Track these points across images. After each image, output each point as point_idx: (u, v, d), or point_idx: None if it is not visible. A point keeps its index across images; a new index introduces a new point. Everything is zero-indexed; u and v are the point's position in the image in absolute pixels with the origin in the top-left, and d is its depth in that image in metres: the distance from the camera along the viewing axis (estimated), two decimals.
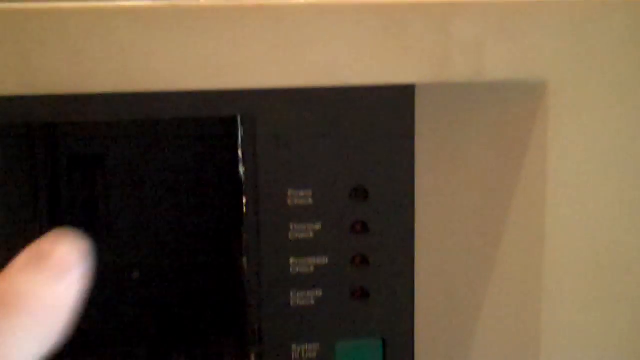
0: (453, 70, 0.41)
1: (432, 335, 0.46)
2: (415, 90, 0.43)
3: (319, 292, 0.45)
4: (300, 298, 0.45)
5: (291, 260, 0.44)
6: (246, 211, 0.44)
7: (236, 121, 0.72)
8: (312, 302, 0.45)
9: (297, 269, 0.44)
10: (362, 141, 0.43)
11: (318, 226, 0.44)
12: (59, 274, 0.25)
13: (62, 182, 0.70)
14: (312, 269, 0.44)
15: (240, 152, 0.56)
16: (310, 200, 0.44)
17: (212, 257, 0.73)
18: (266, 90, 0.41)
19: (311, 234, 0.44)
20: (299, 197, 0.43)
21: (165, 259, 0.72)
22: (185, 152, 0.72)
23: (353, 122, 0.43)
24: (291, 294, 0.44)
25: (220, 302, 0.73)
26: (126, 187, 0.71)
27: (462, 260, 0.45)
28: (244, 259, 0.45)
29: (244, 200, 0.45)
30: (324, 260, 0.44)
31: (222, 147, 0.72)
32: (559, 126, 0.42)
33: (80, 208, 0.71)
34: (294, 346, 0.45)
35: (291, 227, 0.44)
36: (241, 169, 0.54)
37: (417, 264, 0.45)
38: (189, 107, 0.41)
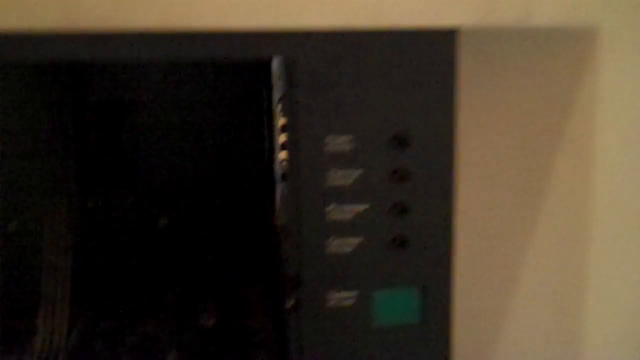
0: (499, 15, 0.40)
1: (470, 285, 0.45)
2: (459, 35, 0.42)
3: (357, 240, 0.44)
4: (338, 245, 0.44)
5: (329, 207, 0.43)
6: (284, 158, 0.44)
7: (269, 65, 0.71)
8: (350, 249, 0.44)
9: (336, 216, 0.44)
10: (403, 87, 0.42)
11: (357, 173, 0.43)
12: None
13: (92, 126, 0.70)
14: (350, 216, 0.44)
15: (276, 97, 0.55)
16: (349, 147, 0.43)
17: (242, 204, 0.73)
18: (308, 32, 0.40)
19: (350, 181, 0.43)
20: (338, 143, 0.43)
21: (193, 207, 0.72)
22: (216, 97, 0.71)
23: (395, 66, 0.42)
24: (329, 241, 0.44)
25: (249, 250, 0.73)
26: (156, 133, 0.71)
27: (503, 208, 0.44)
28: (281, 205, 0.45)
29: (282, 146, 0.44)
30: (363, 207, 0.44)
31: (254, 92, 0.71)
32: (610, 75, 0.41)
33: (109, 153, 0.71)
34: (331, 294, 0.45)
35: (330, 173, 0.43)
36: (277, 115, 0.54)
37: (456, 212, 0.44)
38: (229, 49, 0.41)
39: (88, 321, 0.65)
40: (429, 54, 0.42)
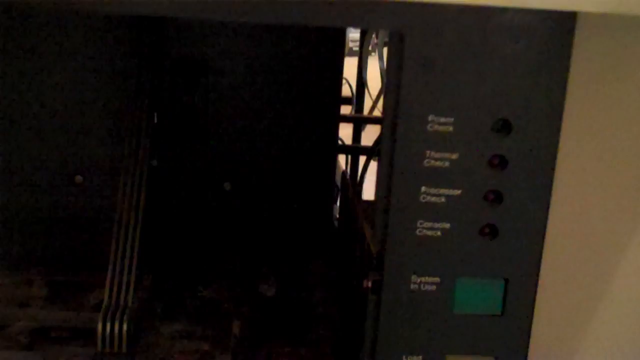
0: (621, 0, 0.38)
1: (556, 282, 0.44)
2: (577, 19, 0.40)
3: (447, 225, 0.43)
4: (427, 228, 0.43)
5: (423, 189, 0.42)
6: (382, 133, 0.42)
7: (344, 32, 0.70)
8: (439, 233, 0.43)
9: (428, 198, 0.42)
10: (512, 70, 0.41)
11: (455, 156, 0.42)
12: None
13: (165, 83, 0.69)
14: (443, 199, 0.43)
15: (383, 70, 0.54)
16: (450, 128, 0.42)
17: (308, 176, 0.72)
18: (419, 4, 0.39)
19: (447, 164, 0.42)
20: (440, 123, 0.41)
21: (260, 173, 0.72)
22: (291, 63, 0.70)
23: (506, 48, 0.40)
24: (418, 223, 0.43)
25: (313, 222, 0.73)
26: (227, 95, 0.70)
27: (602, 207, 0.42)
28: (378, 182, 0.43)
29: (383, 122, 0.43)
30: (457, 192, 0.42)
31: (328, 59, 0.70)
32: None
33: (180, 111, 0.71)
34: (414, 277, 0.44)
35: (427, 154, 0.42)
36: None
37: (552, 206, 0.43)
38: (329, 16, 0.39)
39: (150, 282, 0.65)
40: (544, 37, 0.40)
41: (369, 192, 0.72)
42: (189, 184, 0.71)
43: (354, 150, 0.77)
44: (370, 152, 0.78)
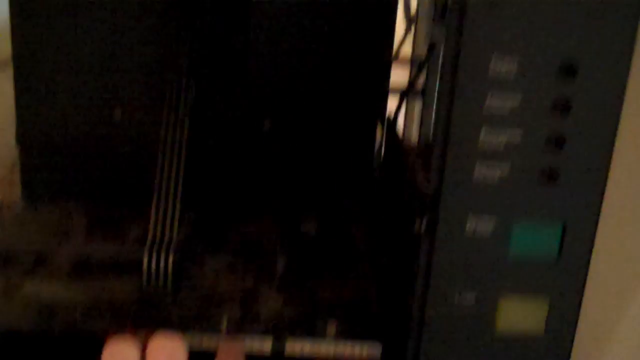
0: None
1: (616, 228, 0.43)
2: None
3: (506, 167, 0.42)
4: (486, 170, 0.42)
5: (483, 130, 0.41)
6: (442, 73, 0.41)
7: None
8: (497, 176, 0.42)
9: (488, 141, 0.42)
10: (580, 11, 0.39)
11: (517, 98, 0.41)
12: None
13: (207, 21, 0.68)
14: (503, 142, 0.42)
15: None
16: (513, 70, 0.40)
17: (351, 116, 0.71)
18: None
19: (508, 106, 0.41)
20: (502, 64, 0.40)
21: (300, 113, 0.71)
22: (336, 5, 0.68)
23: None
24: (477, 165, 0.42)
25: (354, 162, 0.72)
26: (270, 31, 0.69)
27: None
28: (433, 122, 0.42)
29: (441, 60, 0.42)
30: (517, 134, 0.41)
31: (378, 4, 0.69)
32: None
33: (220, 49, 0.69)
34: (469, 219, 0.43)
35: (488, 96, 0.41)
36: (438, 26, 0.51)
37: (615, 151, 0.42)
38: None
39: (193, 219, 0.64)
40: None
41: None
42: (228, 122, 0.70)
43: (402, 94, 0.75)
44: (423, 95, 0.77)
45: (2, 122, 1.12)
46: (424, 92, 0.77)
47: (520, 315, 0.46)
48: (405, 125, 0.74)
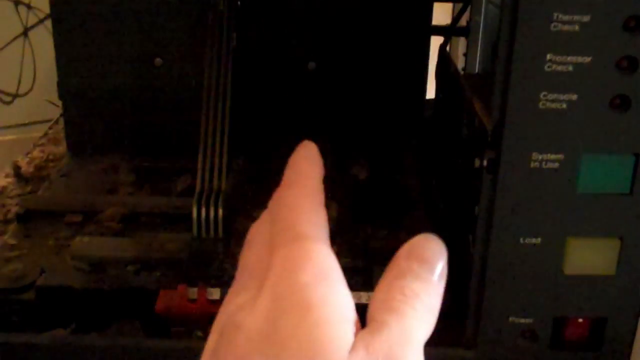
0: None
1: None
2: None
3: (573, 96, 0.39)
4: (552, 100, 0.39)
5: (548, 57, 0.38)
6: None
7: None
8: (564, 106, 0.39)
9: (554, 67, 0.39)
10: None
11: (586, 19, 0.38)
12: (439, 277, 0.29)
13: None
14: (570, 68, 0.39)
15: None
16: None
17: (399, 56, 0.68)
18: None
19: (576, 28, 0.38)
20: None
21: (345, 53, 0.68)
22: None
23: None
24: (542, 95, 0.39)
25: (404, 103, 0.69)
26: None
27: None
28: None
29: None
30: (586, 59, 0.38)
31: None
32: None
33: None
34: (534, 154, 0.40)
35: (555, 16, 0.38)
36: None
37: None
38: None
39: (240, 166, 0.63)
40: None
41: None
42: (272, 64, 0.68)
43: (448, 30, 0.72)
44: (466, 32, 0.74)
45: (42, 79, 1.12)
46: (467, 29, 0.74)
47: (589, 254, 0.43)
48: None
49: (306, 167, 0.33)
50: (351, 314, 0.28)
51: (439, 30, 0.70)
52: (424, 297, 0.28)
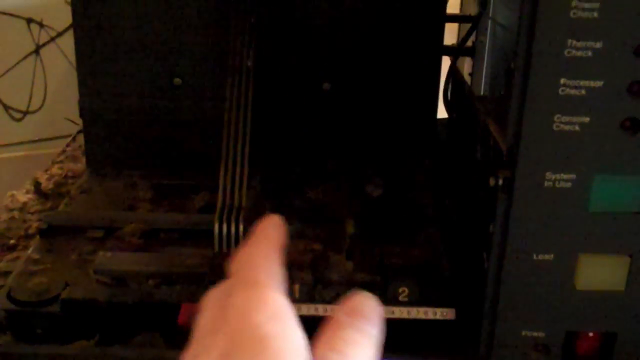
0: None
1: None
2: None
3: (586, 119, 0.41)
4: (565, 123, 0.41)
5: (562, 81, 0.40)
6: (520, 22, 0.40)
7: None
8: (577, 128, 0.41)
9: (567, 91, 0.40)
10: None
11: (599, 45, 0.39)
12: (377, 331, 0.33)
13: None
14: (583, 92, 0.40)
15: None
16: (595, 15, 0.39)
17: (411, 76, 0.70)
18: None
19: (589, 54, 0.40)
20: (584, 9, 0.39)
21: (359, 73, 0.70)
22: None
23: None
24: (556, 117, 0.41)
25: (416, 122, 0.71)
26: None
27: None
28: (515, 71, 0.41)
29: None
30: (598, 84, 0.40)
31: None
32: None
33: (278, 10, 0.69)
34: (548, 173, 0.42)
35: (569, 43, 0.39)
36: None
37: None
38: None
39: (258, 183, 0.64)
40: None
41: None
42: (287, 85, 0.70)
43: (456, 50, 0.74)
44: (472, 52, 0.76)
45: (62, 96, 1.14)
46: (473, 49, 0.76)
47: (600, 271, 0.44)
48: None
49: (268, 231, 0.37)
50: (305, 353, 0.29)
51: (447, 50, 0.72)
52: (365, 346, 0.32)
